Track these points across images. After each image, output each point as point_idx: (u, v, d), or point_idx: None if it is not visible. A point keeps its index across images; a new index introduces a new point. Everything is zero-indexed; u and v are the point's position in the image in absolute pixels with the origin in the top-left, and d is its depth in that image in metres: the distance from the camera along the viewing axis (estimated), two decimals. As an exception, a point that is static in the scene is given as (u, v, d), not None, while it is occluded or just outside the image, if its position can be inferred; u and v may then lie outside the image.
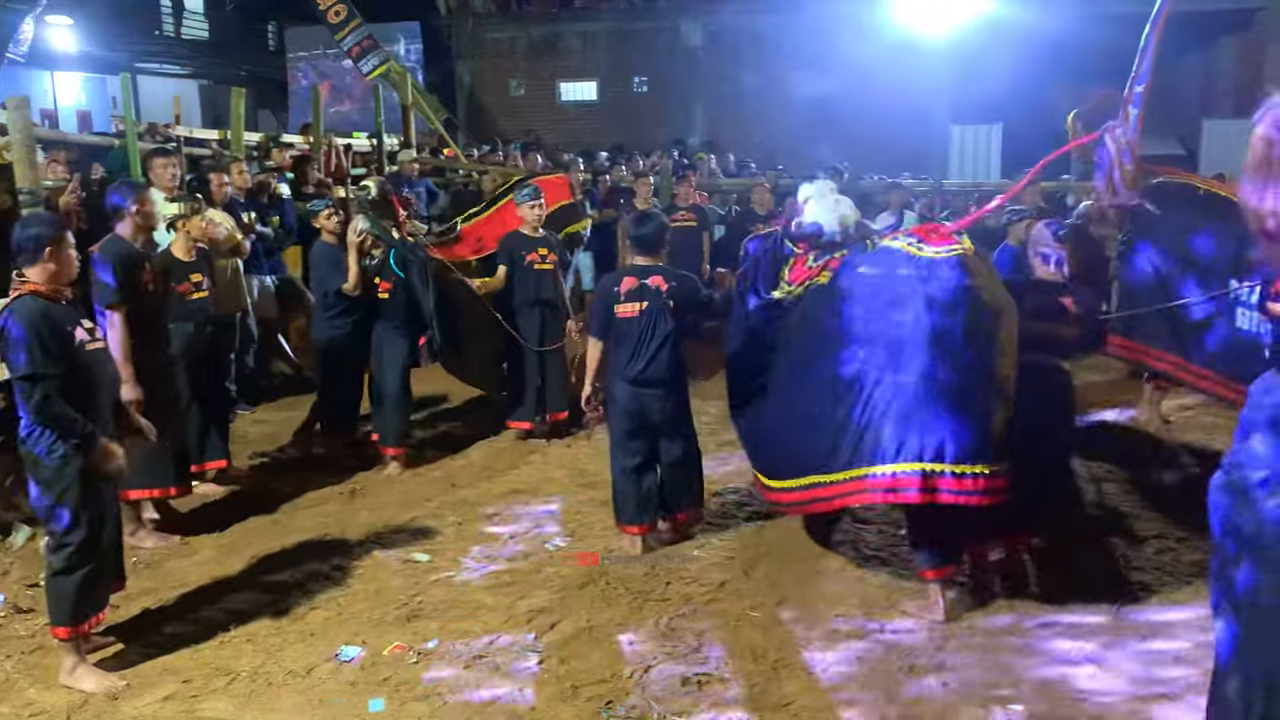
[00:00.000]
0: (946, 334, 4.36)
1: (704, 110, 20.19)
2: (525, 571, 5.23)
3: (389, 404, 6.76)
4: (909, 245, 4.61)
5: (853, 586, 5.04)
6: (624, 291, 5.34)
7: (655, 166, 12.93)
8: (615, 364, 5.40)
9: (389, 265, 6.70)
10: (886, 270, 4.60)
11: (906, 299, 4.46)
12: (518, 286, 7.23)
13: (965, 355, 4.37)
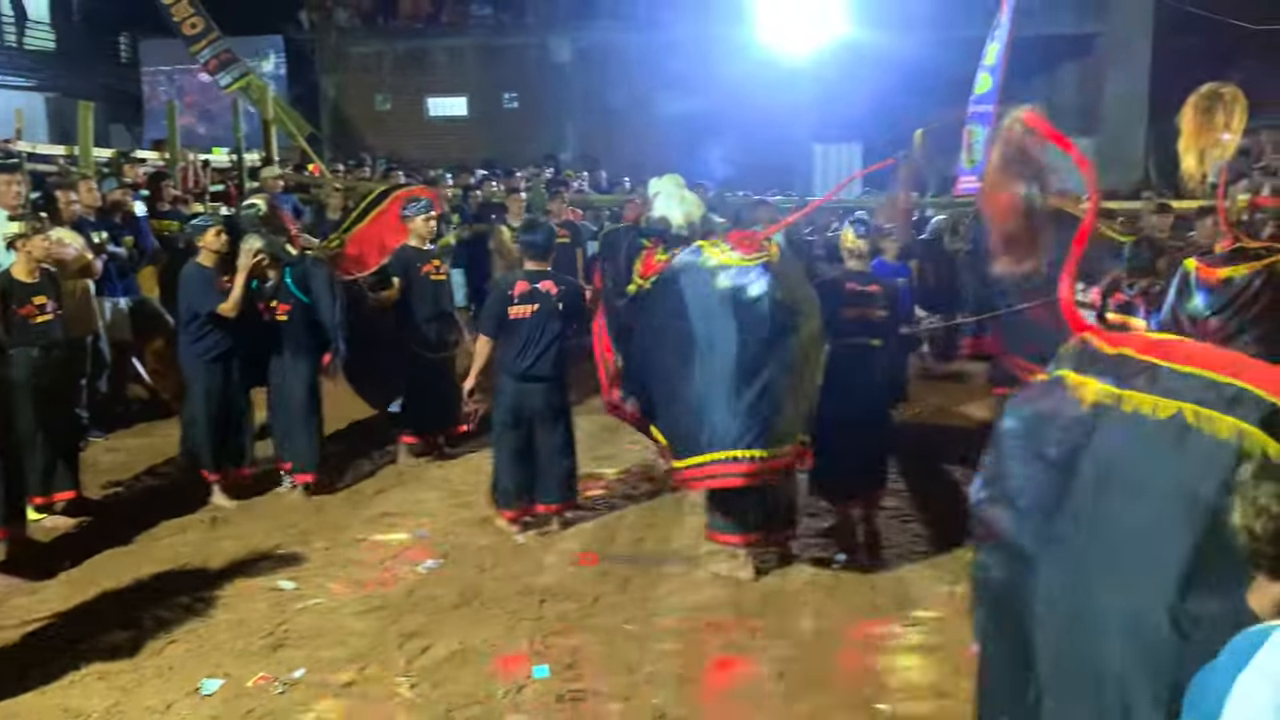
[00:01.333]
0: (752, 332, 4.95)
1: (575, 126, 20.26)
2: (396, 595, 5.14)
3: (298, 428, 6.51)
4: (719, 251, 5.20)
5: (727, 594, 5.11)
6: (517, 294, 5.75)
7: (528, 181, 12.91)
8: (505, 361, 5.80)
9: (286, 285, 6.43)
10: (705, 269, 5.15)
11: (718, 299, 5.03)
12: (416, 299, 7.05)
13: (768, 349, 4.95)
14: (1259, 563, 1.79)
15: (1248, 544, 1.78)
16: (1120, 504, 2.35)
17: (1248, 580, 1.86)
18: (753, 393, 4.93)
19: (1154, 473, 2.29)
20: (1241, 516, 1.79)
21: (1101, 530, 2.40)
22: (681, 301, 5.17)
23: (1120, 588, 2.31)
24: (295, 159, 13.62)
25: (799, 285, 5.29)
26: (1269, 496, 1.74)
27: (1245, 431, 2.15)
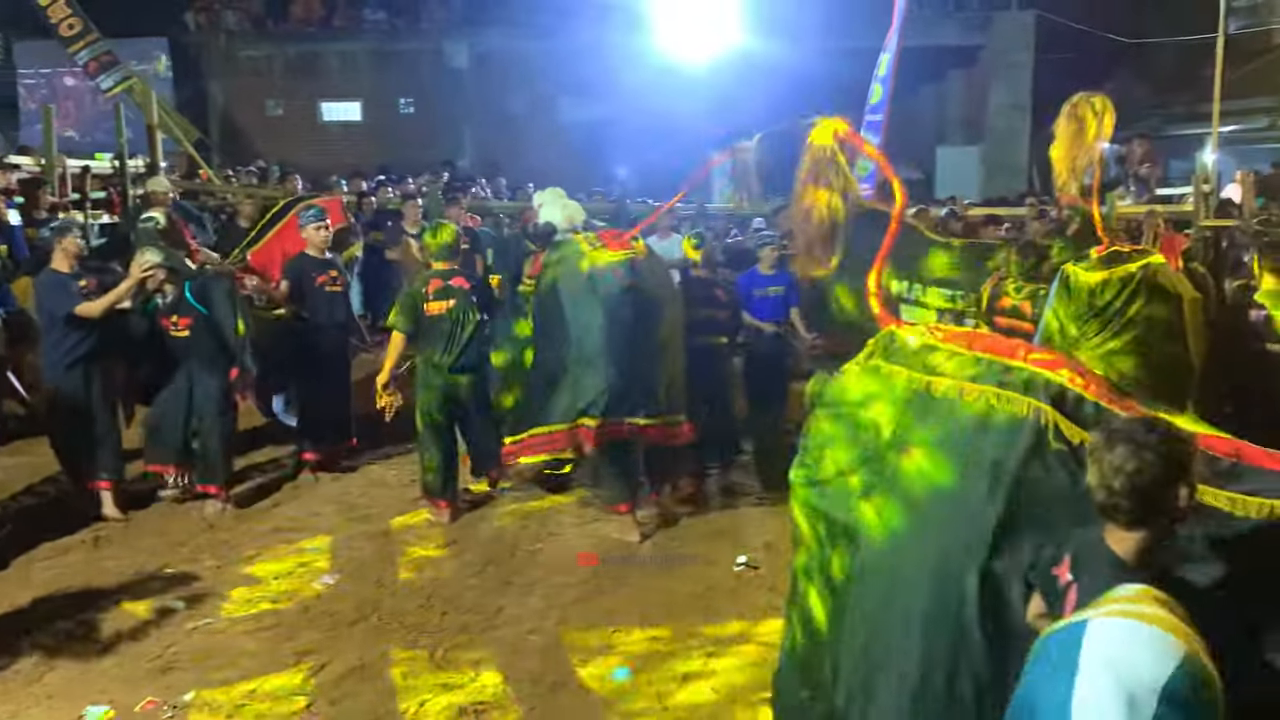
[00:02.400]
0: (619, 318, 5.63)
1: (473, 132, 20.06)
2: (291, 612, 5.00)
3: (209, 442, 6.27)
4: (591, 247, 5.82)
5: (632, 599, 5.11)
6: (431, 292, 6.08)
7: (423, 188, 12.74)
8: (429, 356, 6.12)
9: (185, 300, 6.19)
10: (577, 263, 5.77)
11: (591, 292, 5.68)
12: (311, 311, 6.88)
13: (634, 334, 5.66)
14: (1116, 516, 2.06)
15: (1105, 500, 2.05)
16: (933, 476, 2.61)
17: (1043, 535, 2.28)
18: (622, 369, 5.62)
19: (963, 447, 2.58)
20: (1097, 476, 2.04)
21: (915, 502, 2.64)
22: (556, 290, 5.82)
23: (934, 550, 2.57)
24: (183, 166, 13.19)
25: (661, 280, 6.07)
26: (1123, 457, 1.99)
27: (1040, 409, 2.49)
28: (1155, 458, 2.00)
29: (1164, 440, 2.03)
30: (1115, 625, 1.80)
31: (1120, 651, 1.75)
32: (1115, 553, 2.07)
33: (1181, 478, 2.03)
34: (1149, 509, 2.03)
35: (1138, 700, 1.67)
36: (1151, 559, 2.08)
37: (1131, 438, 2.03)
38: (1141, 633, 1.77)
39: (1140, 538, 2.06)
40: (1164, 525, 2.07)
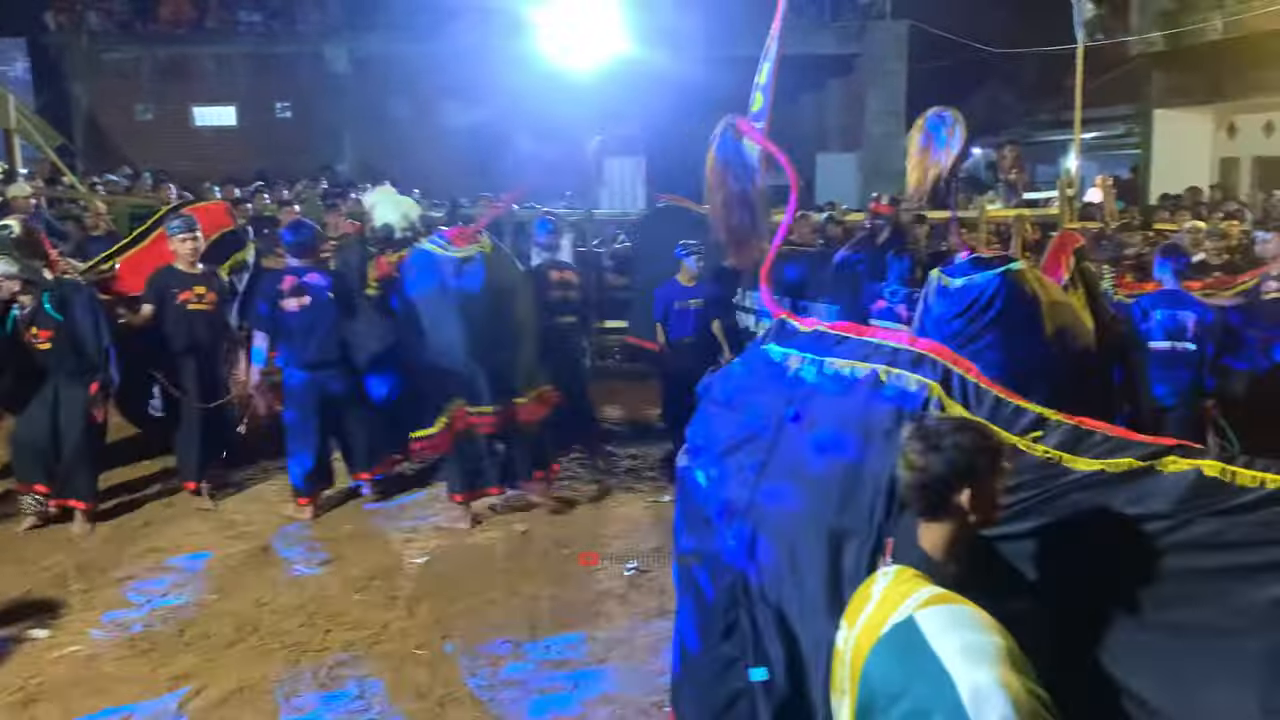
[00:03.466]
0: (474, 312, 5.89)
1: (353, 138, 19.64)
2: (165, 636, 4.80)
3: (73, 456, 5.96)
4: (439, 246, 6.01)
5: (522, 609, 5.06)
6: (286, 289, 6.09)
7: (301, 195, 12.44)
8: (289, 355, 6.18)
9: (44, 311, 5.88)
10: (427, 265, 5.98)
11: (442, 288, 5.88)
12: (170, 330, 6.39)
13: (489, 326, 5.93)
14: (913, 507, 2.16)
15: (904, 492, 2.17)
16: (827, 451, 2.74)
17: None
18: (482, 363, 5.91)
19: (856, 421, 2.73)
20: (898, 467, 2.16)
21: (809, 477, 2.76)
22: (410, 293, 6.01)
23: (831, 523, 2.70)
24: (45, 172, 12.59)
25: (510, 271, 6.39)
26: (916, 452, 2.10)
27: (927, 384, 2.66)
28: (940, 459, 2.08)
29: (956, 445, 2.09)
30: (941, 614, 1.87)
31: (969, 637, 1.81)
32: (920, 543, 2.15)
33: (968, 480, 2.09)
34: (936, 505, 2.11)
35: (1010, 671, 1.74)
36: (956, 553, 2.14)
37: (928, 436, 2.12)
38: (964, 614, 1.86)
39: (940, 530, 2.13)
40: (961, 523, 2.13)
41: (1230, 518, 2.22)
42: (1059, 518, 2.39)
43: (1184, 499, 2.27)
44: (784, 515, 2.81)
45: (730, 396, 3.10)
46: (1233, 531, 2.21)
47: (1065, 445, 2.46)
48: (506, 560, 5.71)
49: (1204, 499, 2.25)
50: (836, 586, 2.68)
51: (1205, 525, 2.24)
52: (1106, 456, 2.40)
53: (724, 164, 3.32)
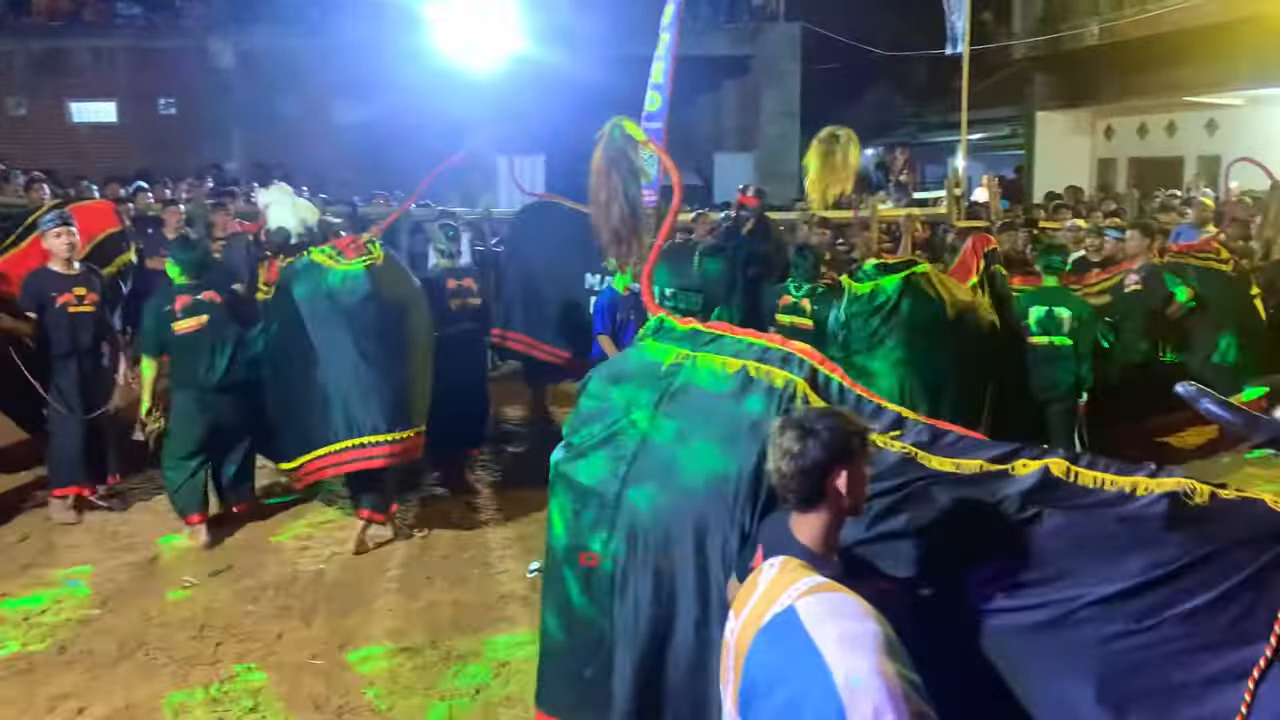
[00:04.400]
0: (365, 329, 5.51)
1: (241, 135, 19.08)
2: (46, 654, 4.59)
3: None
4: (329, 258, 5.65)
5: (422, 615, 4.99)
6: (179, 309, 5.71)
7: (187, 193, 12.03)
8: (186, 376, 5.74)
9: None
10: (317, 277, 5.59)
11: (331, 303, 5.51)
12: (51, 335, 6.05)
13: (381, 345, 5.53)
14: (788, 497, 2.22)
15: (777, 482, 2.22)
16: (697, 443, 2.83)
17: None
18: (374, 383, 5.49)
19: (725, 413, 2.83)
20: (771, 460, 2.21)
21: (680, 469, 2.84)
22: (295, 307, 5.58)
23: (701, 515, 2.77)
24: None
25: (403, 284, 5.93)
26: (791, 440, 2.17)
27: (793, 380, 2.78)
28: (816, 443, 2.16)
29: (830, 429, 2.19)
30: (820, 603, 1.90)
31: (847, 626, 1.84)
32: (798, 538, 2.21)
33: (842, 463, 2.18)
34: (812, 491, 2.18)
35: (886, 659, 1.77)
36: (833, 542, 2.24)
37: (801, 424, 2.20)
38: (843, 602, 1.90)
39: (816, 520, 2.20)
40: (834, 511, 2.22)
41: (1072, 515, 2.35)
42: (919, 513, 2.49)
43: (1033, 497, 2.39)
44: (652, 512, 2.87)
45: (606, 392, 3.14)
46: (1075, 528, 2.34)
47: (922, 444, 2.57)
48: (405, 566, 5.61)
49: (1050, 497, 2.38)
50: (703, 585, 2.76)
51: (1052, 521, 2.36)
52: (959, 456, 2.52)
53: (610, 163, 3.34)
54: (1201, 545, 2.22)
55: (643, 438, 2.95)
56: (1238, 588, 2.17)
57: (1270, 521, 2.21)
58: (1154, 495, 2.29)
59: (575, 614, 3.10)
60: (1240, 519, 2.24)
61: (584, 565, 3.03)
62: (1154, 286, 7.03)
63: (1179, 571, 2.21)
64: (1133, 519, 2.29)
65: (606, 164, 3.34)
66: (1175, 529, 2.25)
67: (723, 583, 2.69)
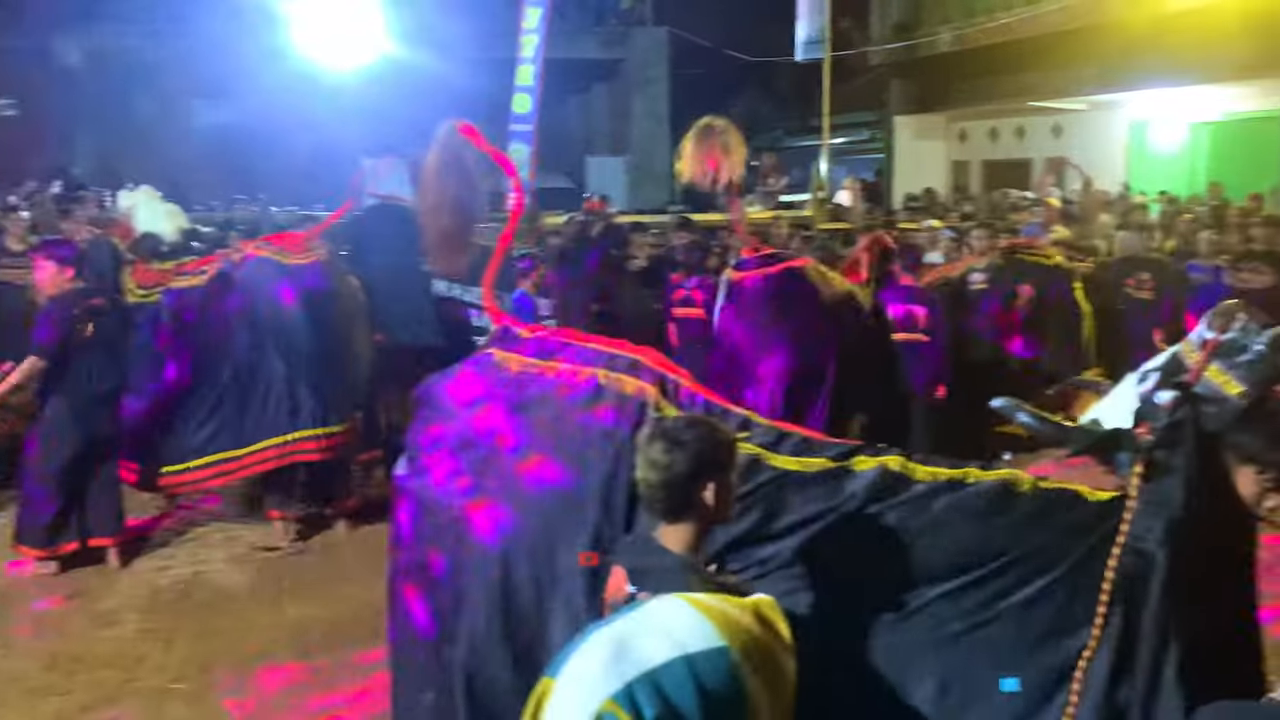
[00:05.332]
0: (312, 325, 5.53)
1: (90, 137, 18.24)
2: (-123, 694, 4.30)
3: None
4: (276, 254, 5.64)
5: (289, 632, 4.85)
6: (78, 313, 5.46)
7: (31, 199, 11.43)
8: (71, 384, 5.40)
9: None
10: (264, 276, 5.57)
11: (277, 300, 5.49)
12: None
13: (332, 339, 5.59)
14: (656, 508, 2.18)
15: (645, 493, 2.19)
16: (545, 450, 2.79)
17: None
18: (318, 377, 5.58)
19: (577, 423, 2.78)
20: (640, 470, 2.18)
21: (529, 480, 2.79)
22: (237, 302, 5.56)
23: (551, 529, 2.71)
24: None
25: (348, 283, 5.96)
26: (658, 451, 2.13)
27: (644, 387, 2.75)
28: (684, 455, 2.11)
29: (698, 438, 2.14)
30: (669, 601, 1.91)
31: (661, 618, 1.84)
32: (670, 549, 2.16)
33: (710, 474, 2.14)
34: (682, 502, 2.14)
35: (620, 666, 1.76)
36: (703, 550, 2.22)
37: (669, 435, 2.15)
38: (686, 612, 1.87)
39: (685, 530, 2.17)
40: (703, 521, 2.19)
41: (907, 510, 2.43)
42: (768, 514, 2.52)
43: (873, 493, 2.46)
44: (496, 528, 2.79)
45: (449, 402, 3.08)
46: (911, 522, 2.42)
47: (768, 445, 2.60)
48: (273, 583, 5.45)
49: (889, 492, 2.45)
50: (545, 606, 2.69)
51: (891, 516, 2.44)
52: (800, 456, 2.56)
53: (444, 165, 3.28)
54: (1029, 536, 2.33)
55: (488, 451, 2.88)
56: (1064, 575, 2.29)
57: (1087, 511, 2.33)
58: (982, 487, 2.38)
59: (415, 633, 3.02)
60: (1061, 510, 2.35)
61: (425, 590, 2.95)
62: (999, 283, 7.35)
63: (1010, 563, 2.32)
64: (964, 512, 2.38)
65: (441, 166, 3.26)
66: (1004, 521, 2.35)
67: (573, 601, 2.63)
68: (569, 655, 1.85)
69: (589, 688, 1.75)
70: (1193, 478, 2.23)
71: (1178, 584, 2.21)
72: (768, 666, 1.87)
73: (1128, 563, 2.24)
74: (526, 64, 10.63)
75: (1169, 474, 2.24)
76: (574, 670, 1.81)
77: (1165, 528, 2.21)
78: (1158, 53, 13.10)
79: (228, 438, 5.70)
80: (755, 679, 1.82)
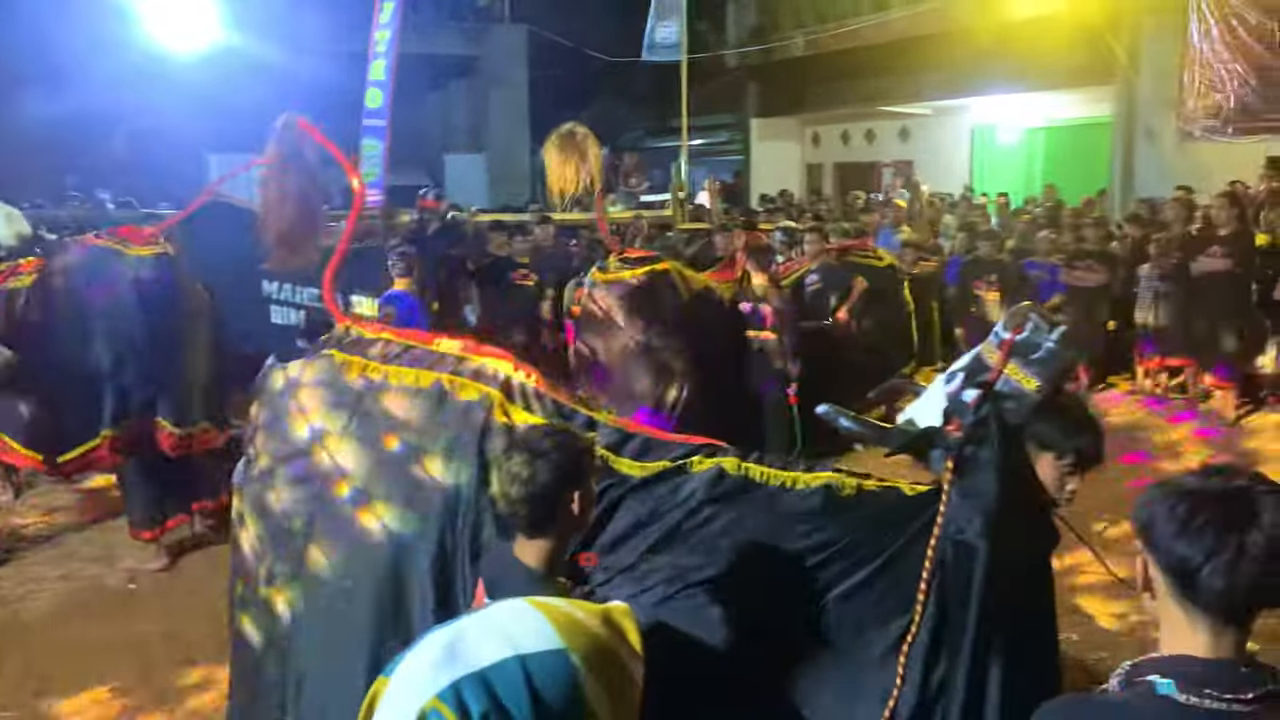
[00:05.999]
0: (156, 317, 5.24)
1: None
2: None
3: None
4: (117, 244, 5.36)
5: (132, 650, 4.60)
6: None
7: None
8: None
9: None
10: (101, 265, 5.28)
11: (120, 290, 5.20)
12: None
13: (164, 335, 5.32)
14: (518, 523, 2.13)
15: (506, 509, 2.13)
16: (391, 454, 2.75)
17: None
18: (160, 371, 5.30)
19: (421, 426, 2.76)
20: (498, 485, 2.12)
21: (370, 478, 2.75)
22: (73, 293, 5.24)
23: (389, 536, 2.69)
24: None
25: (191, 279, 5.66)
26: (519, 465, 2.08)
27: (488, 394, 2.73)
28: (548, 466, 2.06)
29: (559, 448, 2.09)
30: (513, 604, 1.90)
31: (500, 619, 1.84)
32: (525, 564, 2.13)
33: (575, 484, 2.11)
34: (546, 516, 2.09)
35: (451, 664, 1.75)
36: (558, 566, 2.18)
37: (529, 446, 2.10)
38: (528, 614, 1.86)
39: (544, 545, 2.12)
40: (565, 532, 2.17)
41: (741, 508, 2.51)
42: (609, 517, 2.55)
43: (710, 493, 2.52)
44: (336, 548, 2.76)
45: (286, 407, 2.97)
46: (745, 521, 2.49)
47: (612, 446, 2.62)
48: (114, 600, 5.17)
49: (724, 492, 2.52)
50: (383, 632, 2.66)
51: (728, 515, 2.50)
52: (641, 459, 2.60)
53: (284, 161, 3.17)
54: (852, 531, 2.43)
55: (321, 490, 2.80)
56: (885, 566, 2.39)
57: (907, 506, 2.44)
58: (809, 488, 2.47)
59: (253, 655, 2.93)
60: (882, 506, 2.46)
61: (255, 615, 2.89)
62: (832, 283, 7.58)
63: (836, 555, 2.42)
64: (793, 510, 2.47)
65: (281, 162, 3.16)
66: (829, 518, 2.44)
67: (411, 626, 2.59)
68: (405, 655, 1.83)
69: (417, 686, 1.74)
70: (1002, 470, 2.34)
71: (999, 572, 2.32)
72: (610, 672, 1.85)
73: (950, 553, 2.34)
74: (379, 59, 10.38)
75: (981, 468, 2.35)
76: (405, 669, 1.79)
77: (984, 519, 2.32)
78: (999, 60, 13.73)
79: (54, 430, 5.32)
80: (596, 684, 1.80)
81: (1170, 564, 1.39)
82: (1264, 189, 9.65)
